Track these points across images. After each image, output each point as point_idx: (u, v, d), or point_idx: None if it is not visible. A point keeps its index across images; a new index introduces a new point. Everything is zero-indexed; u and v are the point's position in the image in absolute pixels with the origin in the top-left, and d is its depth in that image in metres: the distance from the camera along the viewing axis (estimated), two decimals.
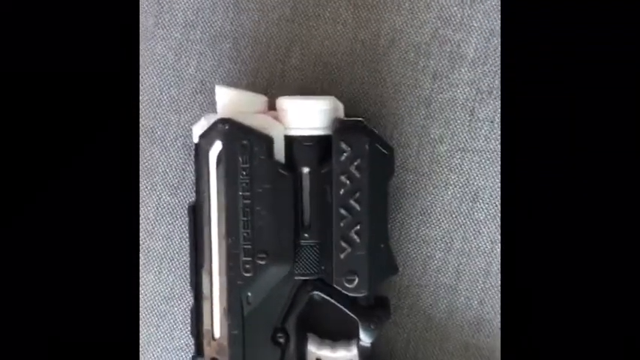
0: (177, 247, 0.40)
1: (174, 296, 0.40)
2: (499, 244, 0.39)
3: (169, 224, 0.40)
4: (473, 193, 0.39)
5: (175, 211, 0.40)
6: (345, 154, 0.34)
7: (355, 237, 0.35)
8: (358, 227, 0.35)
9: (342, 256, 0.35)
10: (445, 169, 0.39)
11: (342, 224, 0.35)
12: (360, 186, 0.34)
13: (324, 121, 0.35)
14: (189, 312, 0.37)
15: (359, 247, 0.35)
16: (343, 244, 0.35)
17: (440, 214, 0.39)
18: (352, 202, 0.35)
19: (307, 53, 0.39)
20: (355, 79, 0.39)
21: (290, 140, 0.35)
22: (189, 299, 0.38)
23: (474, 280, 0.39)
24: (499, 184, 0.38)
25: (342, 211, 0.35)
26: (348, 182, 0.34)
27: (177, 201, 0.40)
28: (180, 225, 0.40)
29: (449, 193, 0.39)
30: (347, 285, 0.35)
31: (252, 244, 0.35)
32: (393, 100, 0.39)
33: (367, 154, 0.34)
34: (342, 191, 0.35)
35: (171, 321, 0.40)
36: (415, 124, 0.39)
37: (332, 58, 0.39)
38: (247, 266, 0.35)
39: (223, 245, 0.35)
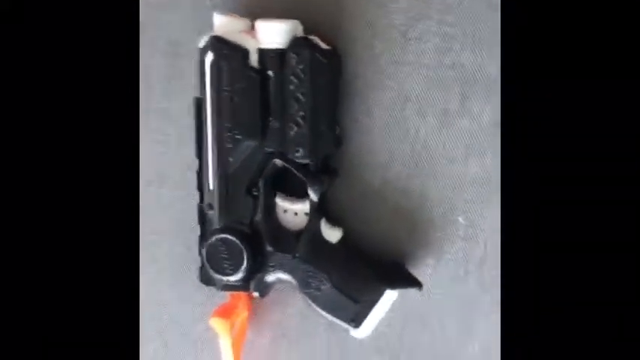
0: None
1: None
2: (420, 133, 0.51)
3: None
4: (404, 96, 0.51)
5: None
6: (293, 60, 0.48)
7: (301, 120, 0.49)
8: (302, 113, 0.49)
9: (291, 133, 0.49)
10: (384, 77, 0.51)
11: (291, 111, 0.49)
12: (304, 84, 0.48)
13: (284, 38, 0.49)
14: None
15: (303, 128, 0.49)
16: (292, 125, 0.49)
17: (380, 111, 0.52)
18: (299, 94, 0.49)
19: None
20: (324, 10, 0.52)
21: (262, 52, 0.50)
22: None
23: (402, 160, 0.52)
24: (423, 90, 0.50)
25: (292, 102, 0.49)
26: (296, 81, 0.48)
27: None
28: None
29: (387, 95, 0.51)
30: (295, 154, 0.50)
31: (232, 124, 0.50)
32: (348, 25, 0.51)
33: (308, 61, 0.48)
34: (291, 87, 0.49)
35: None
36: (364, 42, 0.51)
37: None
38: (228, 139, 0.50)
39: (215, 124, 0.51)
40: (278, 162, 0.51)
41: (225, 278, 0.52)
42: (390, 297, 0.51)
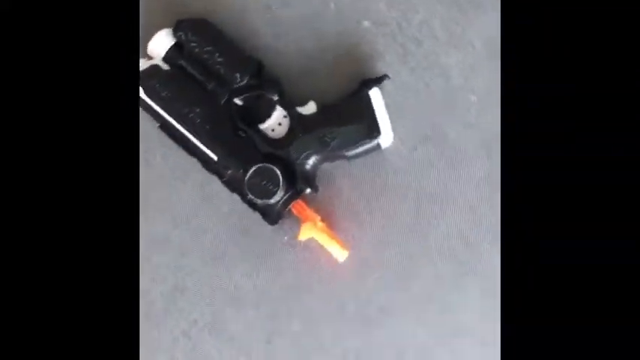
0: None
1: None
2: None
3: None
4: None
5: None
6: (182, 36, 0.64)
7: (219, 59, 0.63)
8: (217, 54, 0.63)
9: (222, 73, 0.63)
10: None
11: (211, 61, 0.63)
12: (201, 41, 0.63)
13: (169, 38, 0.65)
14: None
15: (226, 63, 0.63)
16: (219, 67, 0.63)
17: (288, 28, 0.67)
18: (205, 48, 0.63)
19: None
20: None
21: (164, 57, 0.65)
22: None
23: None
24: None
25: (206, 56, 0.63)
26: (195, 43, 0.63)
27: None
28: None
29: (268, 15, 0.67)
30: (236, 81, 0.63)
31: (188, 109, 0.63)
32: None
33: (190, 27, 0.64)
34: (196, 50, 0.63)
35: None
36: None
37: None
38: (194, 118, 0.63)
39: (178, 118, 0.64)
40: (236, 101, 0.64)
41: (277, 198, 0.62)
42: (375, 96, 0.63)
